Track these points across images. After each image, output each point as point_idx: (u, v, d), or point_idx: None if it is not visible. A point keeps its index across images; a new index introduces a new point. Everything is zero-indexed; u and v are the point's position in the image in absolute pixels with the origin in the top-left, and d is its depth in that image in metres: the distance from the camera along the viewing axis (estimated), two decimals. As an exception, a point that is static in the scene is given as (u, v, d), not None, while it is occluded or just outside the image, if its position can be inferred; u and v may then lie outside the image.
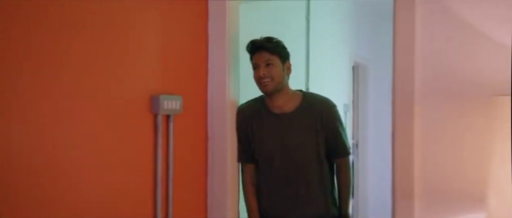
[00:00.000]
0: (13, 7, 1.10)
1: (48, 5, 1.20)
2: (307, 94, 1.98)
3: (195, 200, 1.87)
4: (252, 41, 1.87)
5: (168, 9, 1.69)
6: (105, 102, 1.41)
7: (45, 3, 1.20)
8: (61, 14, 1.25)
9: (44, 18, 1.20)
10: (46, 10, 1.20)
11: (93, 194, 1.36)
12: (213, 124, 1.91)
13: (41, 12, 1.19)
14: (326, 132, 1.87)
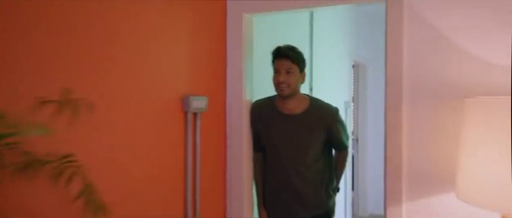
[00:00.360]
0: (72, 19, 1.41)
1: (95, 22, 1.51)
2: (313, 99, 2.26)
3: (217, 182, 2.18)
4: (278, 48, 2.13)
5: (194, 23, 1.99)
6: (146, 102, 1.71)
7: (95, 19, 1.50)
8: (107, 26, 1.55)
9: (94, 33, 1.50)
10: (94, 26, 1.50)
11: (138, 177, 1.67)
12: (231, 119, 2.21)
13: (91, 28, 1.49)
14: (329, 133, 2.17)
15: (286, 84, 2.09)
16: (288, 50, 2.11)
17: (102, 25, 1.48)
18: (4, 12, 1.11)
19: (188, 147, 1.93)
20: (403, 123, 1.83)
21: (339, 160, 2.30)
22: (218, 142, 2.20)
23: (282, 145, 2.17)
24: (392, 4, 1.86)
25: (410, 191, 1.81)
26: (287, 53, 2.10)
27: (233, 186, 2.22)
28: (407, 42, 1.83)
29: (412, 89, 1.81)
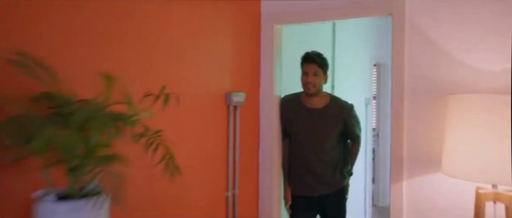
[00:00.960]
0: (167, 42, 1.91)
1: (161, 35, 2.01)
2: (333, 97, 2.68)
3: (252, 160, 2.66)
4: (307, 53, 2.57)
5: (234, 33, 2.47)
6: (200, 97, 2.21)
7: (171, 40, 2.00)
8: (174, 43, 2.05)
9: (168, 49, 2.00)
10: (170, 44, 2.00)
11: (195, 152, 2.16)
12: (264, 111, 2.69)
13: (169, 47, 1.99)
14: (344, 125, 2.59)
15: (312, 85, 2.52)
16: (315, 56, 2.55)
17: (172, 43, 1.98)
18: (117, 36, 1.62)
19: (230, 133, 2.42)
20: (404, 115, 2.25)
21: (353, 148, 2.72)
22: (253, 129, 2.68)
23: (305, 133, 2.60)
24: (396, 18, 2.28)
25: (409, 171, 2.23)
26: (315, 58, 2.53)
27: (265, 164, 2.69)
28: (408, 48, 2.25)
29: (411, 89, 2.23)
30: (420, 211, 2.24)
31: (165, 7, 1.96)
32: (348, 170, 2.70)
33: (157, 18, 1.92)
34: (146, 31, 1.86)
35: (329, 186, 2.62)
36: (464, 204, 2.07)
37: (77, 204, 1.25)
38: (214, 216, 2.36)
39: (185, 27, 2.10)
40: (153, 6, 1.89)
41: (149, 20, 1.88)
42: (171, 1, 1.99)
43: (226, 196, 2.44)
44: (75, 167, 1.24)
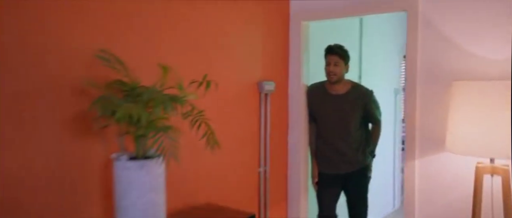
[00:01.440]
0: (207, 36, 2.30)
1: (197, 27, 2.40)
2: (354, 83, 2.97)
3: (281, 142, 3.02)
4: (329, 46, 2.87)
5: (266, 29, 2.83)
6: (235, 85, 2.59)
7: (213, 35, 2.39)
8: (212, 36, 2.43)
9: (206, 40, 2.39)
10: (209, 37, 2.39)
11: (231, 132, 2.55)
12: (292, 98, 3.03)
13: (207, 39, 2.38)
14: (365, 109, 2.88)
15: (334, 73, 2.83)
16: (337, 48, 2.85)
17: (213, 38, 2.38)
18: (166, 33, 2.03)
19: (261, 116, 2.79)
20: (417, 100, 2.52)
21: (374, 131, 2.99)
22: (283, 114, 3.03)
23: (329, 117, 2.91)
24: (411, 14, 2.55)
25: (420, 150, 2.50)
26: (336, 50, 2.84)
27: (293, 144, 3.05)
28: (421, 41, 2.51)
29: (422, 77, 2.49)
30: (430, 187, 2.51)
31: (208, 8, 2.35)
32: (370, 151, 2.98)
33: (202, 18, 2.31)
34: (193, 29, 2.26)
35: (352, 164, 2.91)
36: (469, 181, 2.32)
37: (142, 163, 1.66)
38: (248, 188, 2.74)
39: (224, 24, 2.48)
40: (197, 7, 2.28)
41: (196, 20, 2.27)
42: (212, 2, 2.38)
43: (258, 171, 2.82)
44: (140, 135, 1.65)
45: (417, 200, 2.56)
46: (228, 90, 2.53)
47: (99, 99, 1.55)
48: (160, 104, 1.58)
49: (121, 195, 1.66)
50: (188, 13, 2.24)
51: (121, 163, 1.67)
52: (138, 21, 1.96)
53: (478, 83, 2.07)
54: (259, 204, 2.85)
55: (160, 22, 2.08)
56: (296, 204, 3.08)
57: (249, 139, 2.74)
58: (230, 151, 2.56)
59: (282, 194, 3.08)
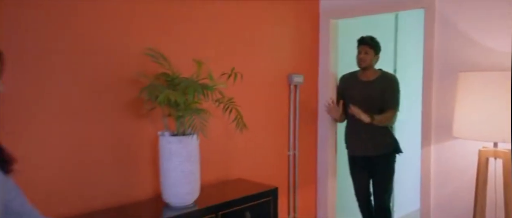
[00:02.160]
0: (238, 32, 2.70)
1: (235, 22, 2.78)
2: (383, 71, 3.18)
3: (310, 128, 3.34)
4: (362, 37, 3.12)
5: (297, 25, 3.15)
6: (266, 77, 2.95)
7: (248, 32, 2.77)
8: (248, 31, 2.81)
9: (240, 36, 2.77)
10: (245, 34, 2.77)
11: (261, 120, 2.92)
12: (322, 90, 3.33)
13: (242, 35, 2.76)
14: (387, 93, 3.09)
15: (363, 60, 3.09)
16: (367, 39, 3.11)
17: (247, 34, 2.76)
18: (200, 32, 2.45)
19: (291, 105, 3.14)
20: (433, 90, 2.72)
21: (386, 113, 3.06)
22: (312, 104, 3.34)
23: (359, 101, 3.14)
24: (428, 11, 2.74)
25: (435, 137, 2.70)
26: (366, 41, 3.10)
27: (323, 132, 3.35)
28: (437, 36, 2.70)
29: (437, 69, 2.69)
30: (444, 171, 2.70)
31: (243, 8, 2.74)
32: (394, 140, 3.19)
33: (236, 18, 2.70)
34: (228, 27, 2.66)
35: (379, 148, 3.11)
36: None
37: (181, 138, 2.09)
38: (278, 169, 3.10)
39: (257, 23, 2.85)
40: (233, 8, 2.68)
41: (231, 19, 2.67)
42: (247, 4, 2.76)
43: (288, 154, 3.16)
44: (179, 116, 2.08)
45: (433, 183, 2.77)
46: (260, 81, 2.90)
47: (147, 87, 2.00)
48: (193, 91, 1.99)
49: (164, 162, 2.11)
50: (224, 13, 2.64)
51: (164, 138, 2.11)
52: (179, 22, 2.40)
53: (481, 74, 2.25)
54: (288, 184, 3.19)
55: (198, 23, 2.50)
56: (324, 187, 3.39)
57: (279, 125, 3.09)
58: (261, 134, 2.93)
59: (311, 177, 3.40)
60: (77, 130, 2.02)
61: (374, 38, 3.13)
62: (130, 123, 2.21)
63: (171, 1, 2.34)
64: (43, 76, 1.89)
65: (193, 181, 2.15)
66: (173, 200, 2.13)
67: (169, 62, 2.15)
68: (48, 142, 1.92)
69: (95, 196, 2.10)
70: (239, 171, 2.81)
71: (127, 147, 2.22)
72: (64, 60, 1.95)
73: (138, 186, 2.27)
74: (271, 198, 2.53)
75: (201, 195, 2.24)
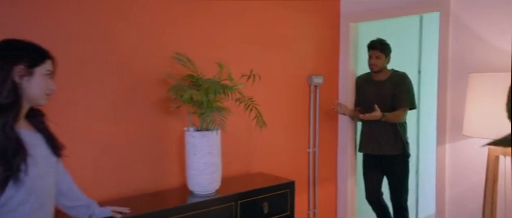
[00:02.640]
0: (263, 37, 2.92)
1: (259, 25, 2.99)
2: (394, 71, 3.29)
3: (330, 126, 3.49)
4: (371, 41, 3.26)
5: (318, 28, 3.33)
6: (287, 78, 3.14)
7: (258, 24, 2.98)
8: (269, 33, 3.02)
9: (262, 39, 2.98)
10: (265, 37, 2.98)
11: (281, 118, 3.11)
12: (342, 91, 3.48)
13: (263, 38, 2.98)
14: (397, 91, 3.18)
15: (375, 65, 3.22)
16: (377, 43, 3.23)
17: (268, 37, 2.97)
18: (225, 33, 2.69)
19: (311, 105, 3.31)
20: (448, 90, 2.81)
21: (396, 112, 3.16)
22: (331, 104, 3.49)
23: (372, 100, 3.25)
24: (443, 13, 2.84)
25: (451, 135, 2.79)
26: (376, 45, 3.22)
27: (343, 132, 3.49)
28: (451, 38, 2.79)
29: (453, 70, 2.77)
30: (458, 169, 2.77)
31: (264, 13, 2.95)
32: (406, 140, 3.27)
33: (258, 22, 2.92)
34: (249, 31, 2.88)
35: (391, 147, 3.21)
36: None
37: (203, 133, 2.33)
38: (298, 165, 3.28)
39: (278, 25, 3.05)
40: (254, 13, 2.90)
41: (253, 24, 2.89)
42: (268, 8, 2.97)
43: (308, 151, 3.34)
44: (202, 113, 2.32)
45: (447, 181, 2.85)
46: (281, 82, 3.10)
47: (173, 87, 2.25)
48: (214, 91, 2.22)
49: (189, 155, 2.35)
50: (246, 18, 2.86)
51: (189, 133, 2.35)
52: (204, 28, 2.65)
53: (489, 74, 2.33)
54: (309, 180, 3.36)
55: (222, 27, 2.74)
56: (344, 185, 3.53)
57: (299, 123, 3.27)
58: (282, 132, 3.13)
59: (332, 175, 3.55)
60: (115, 124, 2.31)
61: (383, 41, 3.23)
62: (160, 119, 2.48)
63: (197, 7, 2.60)
64: (86, 77, 2.19)
65: (214, 172, 2.38)
66: (196, 188, 2.37)
67: (194, 65, 2.40)
68: (90, 134, 2.22)
69: (130, 183, 2.38)
70: (260, 166, 3.02)
71: (158, 140, 2.49)
72: (104, 63, 2.25)
73: (167, 176, 2.53)
74: (288, 190, 2.72)
75: (222, 185, 2.47)
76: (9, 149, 1.36)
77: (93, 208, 1.88)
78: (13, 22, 1.95)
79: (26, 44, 1.48)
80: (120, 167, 2.34)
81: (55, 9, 2.07)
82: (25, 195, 1.42)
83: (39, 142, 1.51)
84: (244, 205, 2.46)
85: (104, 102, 2.26)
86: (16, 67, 1.40)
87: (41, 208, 1.49)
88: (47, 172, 1.52)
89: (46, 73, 1.48)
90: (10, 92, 1.39)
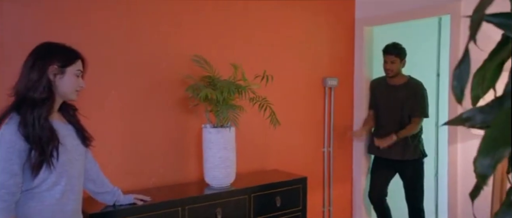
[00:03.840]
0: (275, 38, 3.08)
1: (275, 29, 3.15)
2: (410, 77, 3.34)
3: (345, 130, 3.59)
4: (386, 46, 3.32)
5: (333, 32, 3.45)
6: (303, 80, 3.28)
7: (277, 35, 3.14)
8: (282, 36, 3.17)
9: (274, 41, 3.14)
10: (276, 37, 3.14)
11: (295, 118, 3.25)
12: (357, 93, 3.58)
13: (274, 39, 3.14)
14: (412, 100, 3.24)
15: (390, 70, 3.29)
16: (392, 48, 3.30)
17: (284, 40, 3.13)
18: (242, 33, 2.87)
19: (326, 106, 3.43)
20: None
21: (411, 123, 3.22)
22: (347, 105, 3.60)
23: (387, 104, 3.34)
24: (454, 16, 2.90)
25: (462, 135, 2.84)
26: (391, 50, 3.29)
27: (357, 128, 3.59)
28: (462, 40, 2.85)
29: (463, 70, 2.83)
30: (471, 167, 2.81)
31: (280, 17, 3.11)
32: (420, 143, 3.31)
33: (274, 26, 3.08)
34: (264, 34, 3.05)
35: (403, 151, 3.25)
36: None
37: (219, 130, 2.51)
38: (313, 163, 3.40)
39: (292, 27, 3.21)
40: (270, 17, 3.06)
41: (268, 27, 3.06)
42: (284, 13, 3.13)
43: (323, 151, 3.45)
44: (218, 111, 2.50)
45: (459, 179, 2.89)
46: (296, 83, 3.25)
47: (190, 86, 2.45)
48: (228, 90, 2.40)
49: (206, 150, 2.54)
50: (262, 21, 3.04)
51: (206, 129, 2.54)
52: (222, 31, 2.84)
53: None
54: (323, 179, 3.47)
55: (239, 31, 2.93)
56: (359, 184, 3.61)
57: (314, 123, 3.40)
58: (297, 131, 3.27)
59: (347, 174, 3.64)
60: (137, 121, 2.53)
61: (397, 45, 3.27)
62: (180, 117, 2.68)
63: (214, 12, 2.80)
64: (113, 77, 2.42)
65: (229, 166, 2.55)
66: (212, 181, 2.55)
67: (211, 66, 2.59)
68: (115, 129, 2.45)
69: (151, 175, 2.59)
70: (276, 164, 3.16)
71: (177, 136, 2.69)
72: (130, 64, 2.47)
73: (186, 169, 2.73)
74: (301, 186, 2.85)
75: (237, 179, 2.63)
76: (43, 137, 1.57)
77: (117, 195, 2.09)
78: (51, 27, 2.21)
79: (60, 46, 1.69)
80: (142, 160, 2.55)
81: (87, 16, 2.32)
82: (57, 178, 1.62)
83: (70, 132, 1.72)
84: (257, 198, 2.61)
85: (129, 100, 2.49)
86: (51, 67, 1.62)
87: (71, 190, 1.69)
88: (77, 159, 1.73)
89: (76, 72, 1.69)
90: (45, 88, 1.60)
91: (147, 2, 2.52)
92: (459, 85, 0.87)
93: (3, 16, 2.11)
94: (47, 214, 1.62)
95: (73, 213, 1.72)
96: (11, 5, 2.12)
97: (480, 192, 0.93)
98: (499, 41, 0.93)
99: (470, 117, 0.96)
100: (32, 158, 1.56)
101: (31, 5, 2.17)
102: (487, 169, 0.74)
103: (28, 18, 2.17)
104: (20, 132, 1.54)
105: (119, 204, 2.11)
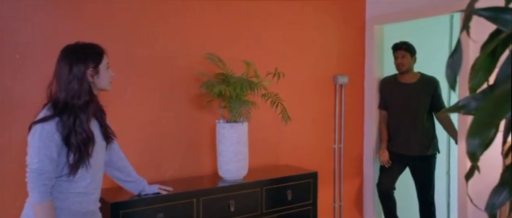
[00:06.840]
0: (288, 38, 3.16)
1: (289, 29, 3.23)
2: (422, 74, 3.38)
3: (356, 127, 3.65)
4: (395, 43, 3.39)
5: (344, 30, 3.51)
6: (313, 78, 3.35)
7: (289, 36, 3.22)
8: (295, 37, 3.25)
9: (286, 41, 3.22)
10: (289, 37, 3.22)
11: (306, 117, 3.32)
12: (367, 90, 3.63)
13: (286, 39, 3.21)
14: (432, 97, 3.28)
15: (402, 64, 3.33)
16: (401, 44, 3.35)
17: (296, 38, 3.21)
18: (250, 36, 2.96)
19: (336, 103, 3.50)
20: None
21: (442, 120, 3.31)
22: (358, 103, 3.65)
23: (400, 103, 3.38)
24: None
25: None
26: (401, 46, 3.34)
27: (369, 129, 3.64)
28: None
29: (472, 67, 2.87)
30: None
31: (292, 17, 3.19)
32: (434, 139, 3.35)
33: (286, 25, 3.17)
34: (276, 33, 3.13)
35: (416, 148, 3.30)
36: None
37: (232, 125, 2.60)
38: (324, 159, 3.47)
39: (303, 25, 3.28)
40: (282, 17, 3.15)
41: (280, 26, 3.14)
42: (295, 12, 3.21)
43: (334, 147, 3.51)
44: (231, 106, 2.59)
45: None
46: (307, 80, 3.32)
47: (205, 83, 2.55)
48: (240, 86, 2.49)
49: (219, 144, 2.63)
50: (274, 19, 3.12)
51: (220, 124, 2.64)
52: (234, 30, 2.94)
53: (504, 70, 2.42)
54: (334, 174, 3.54)
55: (252, 31, 3.02)
56: (370, 180, 3.66)
57: (325, 120, 3.47)
58: (308, 127, 3.34)
59: (358, 170, 3.70)
60: (155, 116, 2.64)
61: (406, 42, 3.33)
62: (195, 112, 2.79)
63: (228, 11, 2.89)
64: (133, 74, 2.54)
65: (242, 160, 2.64)
66: (226, 174, 2.64)
67: (224, 64, 2.68)
68: (133, 124, 2.56)
69: (168, 168, 2.69)
70: (288, 159, 3.24)
71: (193, 131, 2.79)
72: (148, 61, 2.59)
73: (200, 163, 2.83)
74: (311, 180, 2.92)
75: (250, 173, 2.72)
76: (85, 140, 1.68)
77: (143, 185, 2.22)
78: (76, 26, 2.34)
79: (88, 47, 1.75)
80: (159, 154, 2.66)
81: (110, 14, 2.44)
82: (85, 171, 1.73)
83: (95, 127, 1.81)
84: (269, 191, 2.69)
85: (147, 96, 2.60)
86: (88, 71, 1.70)
87: (93, 180, 1.80)
88: (99, 152, 1.83)
89: (106, 65, 1.78)
90: (87, 92, 1.69)
91: (163, 2, 2.64)
92: (452, 73, 0.94)
93: (25, 19, 2.25)
94: (76, 199, 1.73)
95: (94, 201, 1.84)
96: (32, 7, 2.25)
97: (474, 173, 0.99)
98: (491, 33, 1.00)
99: (465, 104, 1.03)
100: (70, 159, 1.66)
101: (49, 4, 2.30)
102: (476, 148, 0.82)
103: (50, 17, 2.30)
104: (59, 132, 1.64)
105: (144, 194, 2.22)
